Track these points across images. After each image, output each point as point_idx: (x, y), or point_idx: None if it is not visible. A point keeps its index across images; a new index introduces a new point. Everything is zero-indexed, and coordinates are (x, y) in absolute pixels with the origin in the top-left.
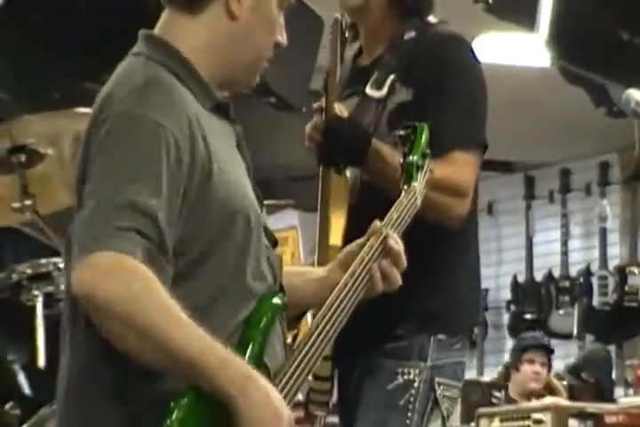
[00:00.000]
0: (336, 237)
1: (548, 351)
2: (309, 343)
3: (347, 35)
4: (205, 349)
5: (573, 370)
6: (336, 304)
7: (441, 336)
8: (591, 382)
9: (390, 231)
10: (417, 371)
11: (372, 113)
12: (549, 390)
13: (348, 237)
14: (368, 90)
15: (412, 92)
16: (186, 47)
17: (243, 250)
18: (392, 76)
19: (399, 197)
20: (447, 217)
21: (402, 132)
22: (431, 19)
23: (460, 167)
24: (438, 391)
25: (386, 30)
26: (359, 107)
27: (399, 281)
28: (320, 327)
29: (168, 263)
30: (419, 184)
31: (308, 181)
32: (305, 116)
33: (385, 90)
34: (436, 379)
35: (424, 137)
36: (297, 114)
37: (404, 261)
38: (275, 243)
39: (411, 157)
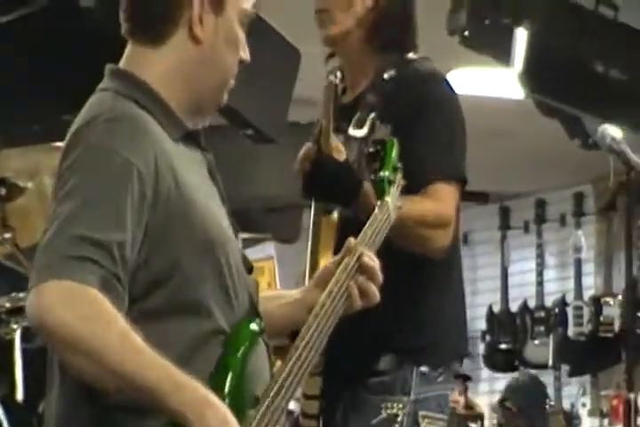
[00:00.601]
0: None
1: (465, 379)
2: (289, 366)
3: (339, 95)
4: (161, 373)
5: (501, 400)
6: (314, 325)
7: (424, 369)
8: (514, 410)
9: (364, 248)
10: (400, 405)
11: (355, 152)
12: (468, 407)
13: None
14: (351, 130)
15: (390, 129)
16: (153, 78)
17: (221, 279)
18: (372, 115)
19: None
20: (431, 249)
21: (371, 149)
22: (411, 55)
23: (441, 199)
24: (422, 425)
25: (366, 65)
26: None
27: (377, 297)
28: (300, 350)
29: (124, 294)
30: (392, 199)
31: (286, 213)
32: (282, 147)
33: (366, 129)
34: (420, 413)
35: (394, 152)
36: (274, 146)
37: (380, 277)
38: (250, 269)
39: (382, 173)
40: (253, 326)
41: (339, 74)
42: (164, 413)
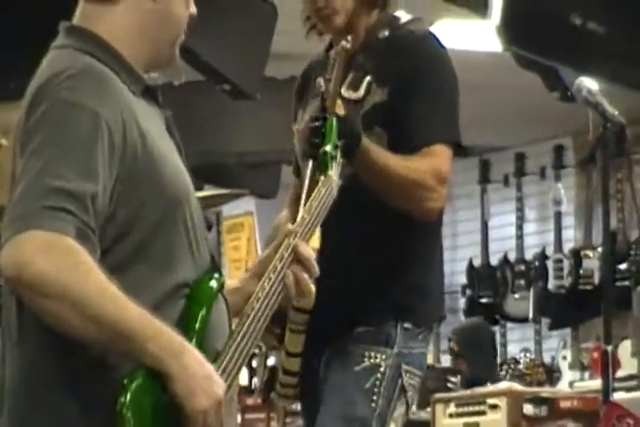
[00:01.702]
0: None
1: None
2: (227, 357)
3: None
4: (140, 320)
5: (448, 339)
6: (251, 315)
7: (407, 325)
8: (456, 350)
9: (299, 240)
10: (384, 356)
11: (351, 115)
12: None
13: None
14: (344, 91)
15: (386, 92)
16: (110, 35)
17: (185, 233)
18: (368, 78)
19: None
20: (427, 209)
21: (314, 123)
22: (402, 15)
23: (438, 159)
24: (405, 379)
25: (357, 24)
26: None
27: (311, 288)
28: (236, 339)
29: (97, 245)
30: (335, 174)
31: (264, 168)
32: (260, 102)
33: (362, 91)
34: (403, 366)
35: (334, 129)
36: (252, 101)
37: (316, 267)
38: (209, 226)
39: (324, 148)
40: (213, 283)
41: (349, 37)
42: (141, 358)
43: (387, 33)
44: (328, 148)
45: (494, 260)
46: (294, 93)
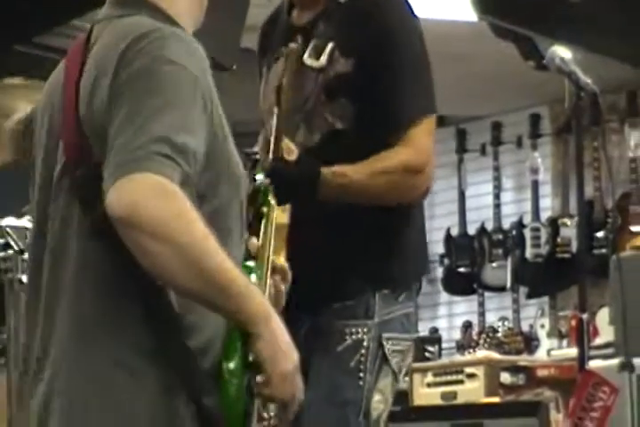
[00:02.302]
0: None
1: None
2: None
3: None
4: (238, 275)
5: None
6: None
7: (385, 291)
8: None
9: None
10: (365, 329)
11: (312, 83)
12: None
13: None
14: (306, 59)
15: (352, 63)
16: (172, 11)
17: (240, 214)
18: (330, 45)
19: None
20: (415, 196)
21: (253, 159)
22: None
23: (419, 144)
24: (387, 347)
25: None
26: (297, 77)
27: (284, 296)
28: None
29: (194, 199)
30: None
31: (242, 139)
32: (236, 75)
33: (324, 60)
34: (384, 335)
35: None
36: (228, 73)
37: (289, 276)
38: None
39: (263, 181)
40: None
41: (299, 39)
42: (234, 315)
43: None
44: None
45: (472, 229)
46: (257, 49)
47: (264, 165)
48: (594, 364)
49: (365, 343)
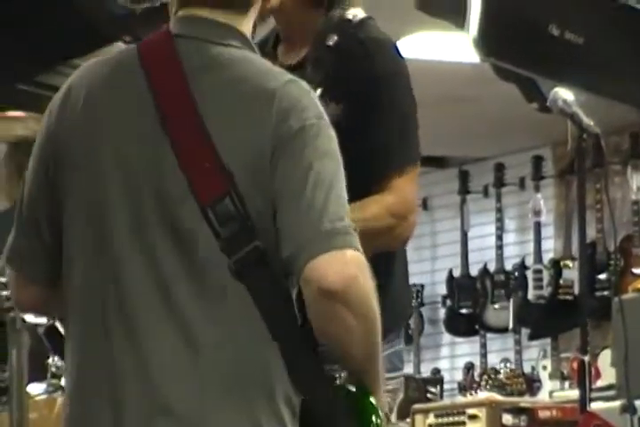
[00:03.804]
0: None
1: None
2: None
3: None
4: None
5: None
6: None
7: None
8: None
9: None
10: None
11: None
12: None
13: None
14: None
15: (341, 109)
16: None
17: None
18: (319, 91)
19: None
20: (398, 244)
21: None
22: (354, 14)
23: (404, 192)
24: None
25: (304, 23)
26: None
27: None
28: None
29: None
30: None
31: None
32: None
33: None
34: None
35: None
36: None
37: None
38: None
39: None
40: None
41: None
42: (370, 379)
43: (335, 38)
44: None
45: (474, 270)
46: None
47: None
48: (595, 406)
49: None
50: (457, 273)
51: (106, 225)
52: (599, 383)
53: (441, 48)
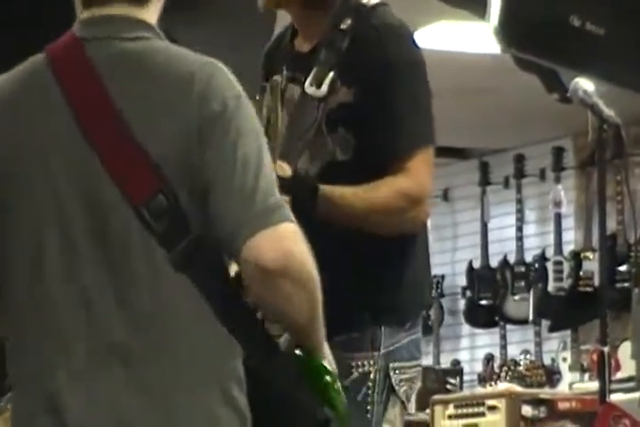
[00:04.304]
0: None
1: None
2: None
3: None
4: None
5: None
6: None
7: (391, 322)
8: None
9: None
10: (371, 361)
11: (314, 112)
12: None
13: None
14: (307, 87)
15: (352, 93)
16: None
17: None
18: (331, 74)
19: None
20: (412, 227)
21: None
22: None
23: (418, 175)
24: (393, 378)
25: (319, 11)
26: (300, 106)
27: None
28: None
29: None
30: None
31: None
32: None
33: (325, 88)
34: (390, 365)
35: None
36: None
37: None
38: None
39: None
40: None
41: (284, 70)
42: (309, 341)
43: (350, 21)
44: None
45: (494, 262)
46: (262, 73)
47: None
48: (615, 397)
49: (372, 376)
50: (477, 264)
51: (39, 244)
52: (619, 375)
53: (461, 38)
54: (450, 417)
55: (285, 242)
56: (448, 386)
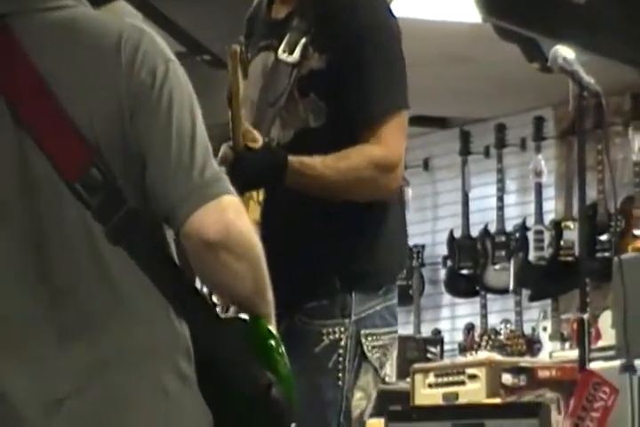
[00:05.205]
0: None
1: None
2: None
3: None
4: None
5: None
6: None
7: (362, 288)
8: None
9: None
10: (342, 328)
11: (286, 78)
12: None
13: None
14: (280, 54)
15: (325, 60)
16: None
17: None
18: (303, 40)
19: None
20: (385, 194)
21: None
22: None
23: (390, 142)
24: (365, 344)
25: None
26: (272, 72)
27: None
28: None
29: None
30: None
31: None
32: None
33: (297, 55)
34: (362, 331)
35: None
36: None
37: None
38: None
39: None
40: None
41: (242, 39)
42: (261, 312)
43: None
44: None
45: (475, 231)
46: (243, 39)
47: (226, 153)
48: (595, 365)
49: (343, 342)
50: (458, 234)
51: None
52: (599, 344)
53: (442, 7)
54: (430, 386)
55: (226, 215)
56: (429, 355)
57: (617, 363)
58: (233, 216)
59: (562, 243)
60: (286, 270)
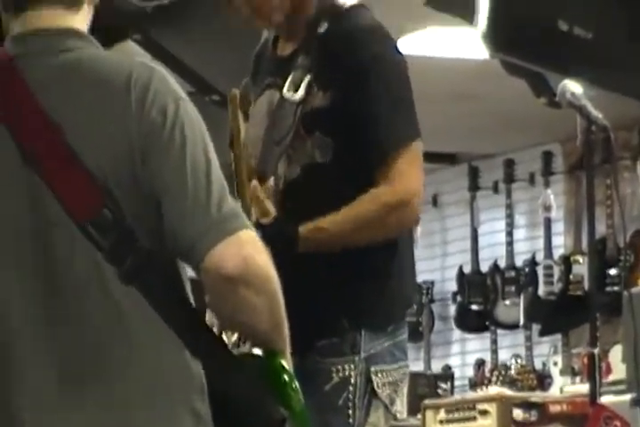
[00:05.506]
0: None
1: None
2: None
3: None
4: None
5: None
6: None
7: (370, 328)
8: None
9: None
10: (352, 366)
11: (291, 117)
12: None
13: None
14: (285, 92)
15: (329, 97)
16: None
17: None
18: (307, 78)
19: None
20: (403, 229)
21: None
22: (345, 1)
23: (402, 178)
24: (375, 381)
25: (295, 16)
26: (278, 110)
27: None
28: None
29: None
30: None
31: None
32: None
33: (301, 93)
34: (372, 368)
35: None
36: None
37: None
38: None
39: None
40: None
41: (247, 80)
42: (275, 347)
43: (326, 25)
44: None
45: (484, 266)
46: (250, 75)
47: None
48: (606, 399)
49: (353, 380)
50: (467, 269)
51: None
52: (610, 378)
53: (449, 44)
54: (441, 422)
55: (245, 249)
56: (439, 391)
57: (628, 397)
58: (252, 251)
59: (571, 277)
60: (297, 311)
